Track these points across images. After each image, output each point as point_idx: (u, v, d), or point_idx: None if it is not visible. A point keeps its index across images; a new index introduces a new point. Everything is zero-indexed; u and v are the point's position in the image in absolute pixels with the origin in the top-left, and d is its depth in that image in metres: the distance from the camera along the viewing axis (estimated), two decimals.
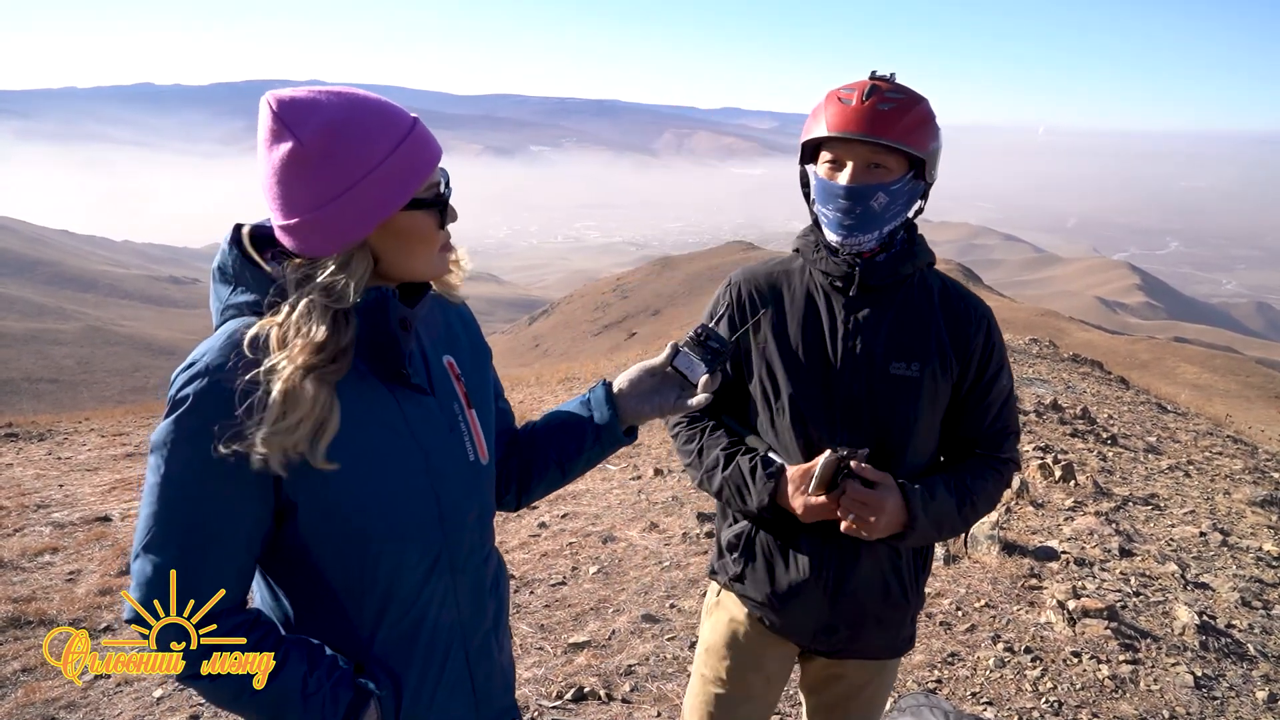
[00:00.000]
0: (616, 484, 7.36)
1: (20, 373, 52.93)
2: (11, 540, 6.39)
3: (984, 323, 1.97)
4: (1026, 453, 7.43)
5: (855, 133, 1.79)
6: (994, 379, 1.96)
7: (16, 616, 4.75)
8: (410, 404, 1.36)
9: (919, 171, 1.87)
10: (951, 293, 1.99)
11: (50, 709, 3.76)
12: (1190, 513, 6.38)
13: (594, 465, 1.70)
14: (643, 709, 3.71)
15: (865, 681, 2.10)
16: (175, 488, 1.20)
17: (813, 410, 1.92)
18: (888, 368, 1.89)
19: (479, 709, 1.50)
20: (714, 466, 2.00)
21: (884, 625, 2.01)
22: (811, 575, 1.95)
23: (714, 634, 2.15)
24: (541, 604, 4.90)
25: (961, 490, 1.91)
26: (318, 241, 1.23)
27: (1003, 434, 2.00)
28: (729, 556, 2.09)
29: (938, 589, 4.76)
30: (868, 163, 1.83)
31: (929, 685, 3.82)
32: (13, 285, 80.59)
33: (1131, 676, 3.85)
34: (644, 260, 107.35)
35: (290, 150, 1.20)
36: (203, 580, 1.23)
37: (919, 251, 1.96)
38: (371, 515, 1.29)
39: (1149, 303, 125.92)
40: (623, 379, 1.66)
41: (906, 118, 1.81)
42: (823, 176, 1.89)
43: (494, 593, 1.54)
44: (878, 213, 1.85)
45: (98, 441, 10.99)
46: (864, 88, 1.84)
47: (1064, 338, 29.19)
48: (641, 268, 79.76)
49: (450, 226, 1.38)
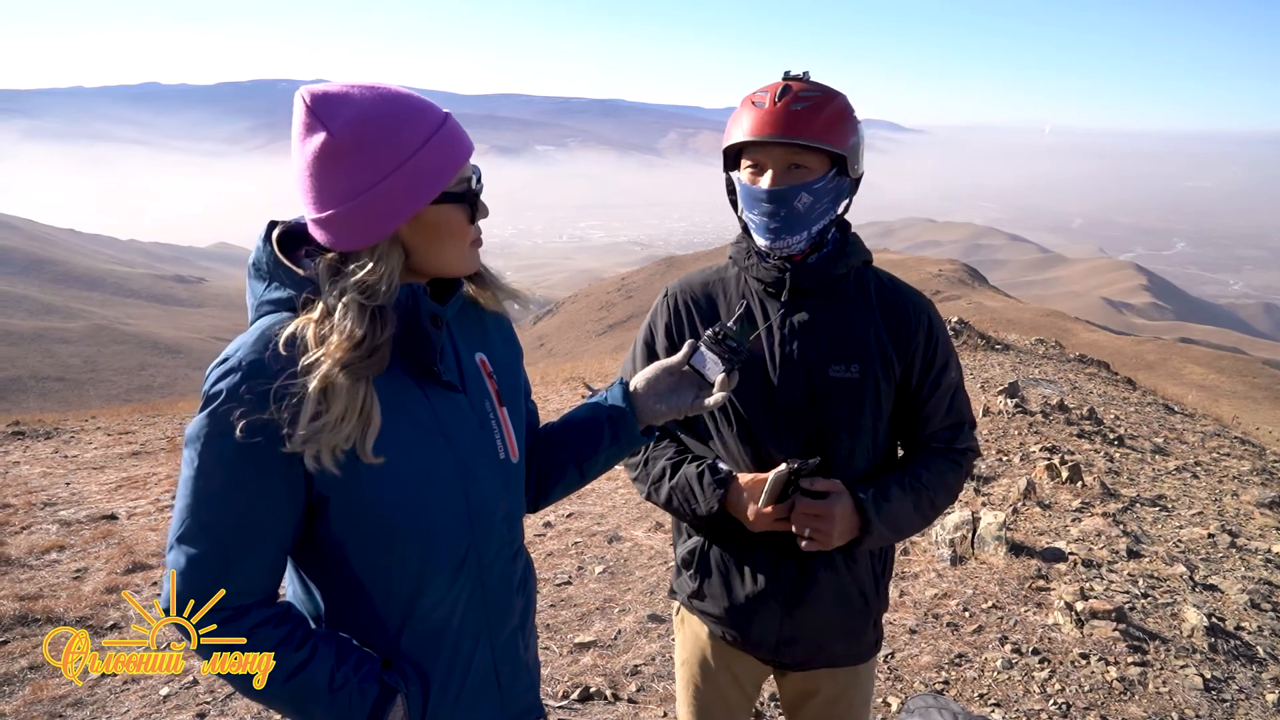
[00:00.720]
0: (622, 483, 7.35)
1: (27, 371, 53.09)
2: (19, 538, 6.41)
3: (924, 318, 1.93)
4: (1033, 454, 7.41)
5: (771, 135, 1.78)
6: (941, 373, 1.93)
7: (24, 614, 4.76)
8: (441, 400, 1.36)
9: (841, 168, 1.84)
10: (889, 290, 1.96)
11: (57, 706, 3.77)
12: (1198, 514, 6.36)
13: (612, 465, 1.69)
14: (649, 709, 3.71)
15: (840, 692, 2.07)
16: (209, 481, 1.21)
17: (756, 418, 1.90)
18: (827, 370, 1.87)
19: (504, 707, 1.49)
20: (660, 477, 1.98)
21: (847, 633, 1.98)
22: (767, 588, 1.93)
23: (684, 650, 2.15)
24: (547, 604, 4.90)
25: (916, 487, 1.89)
26: (350, 234, 1.24)
27: (957, 426, 1.98)
28: (685, 574, 2.07)
29: (944, 589, 4.75)
30: (788, 164, 1.81)
31: (936, 686, 3.81)
32: (19, 284, 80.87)
33: (1140, 678, 3.83)
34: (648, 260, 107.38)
35: (323, 143, 1.21)
36: (235, 571, 1.24)
37: (852, 250, 1.94)
38: (401, 510, 1.29)
39: (1155, 303, 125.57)
40: (640, 378, 1.65)
41: (822, 115, 1.79)
42: (745, 182, 1.87)
43: (521, 591, 1.53)
44: (803, 214, 1.83)
45: (104, 440, 11.02)
46: (776, 89, 1.82)
47: (1070, 338, 29.14)
48: (646, 267, 79.84)
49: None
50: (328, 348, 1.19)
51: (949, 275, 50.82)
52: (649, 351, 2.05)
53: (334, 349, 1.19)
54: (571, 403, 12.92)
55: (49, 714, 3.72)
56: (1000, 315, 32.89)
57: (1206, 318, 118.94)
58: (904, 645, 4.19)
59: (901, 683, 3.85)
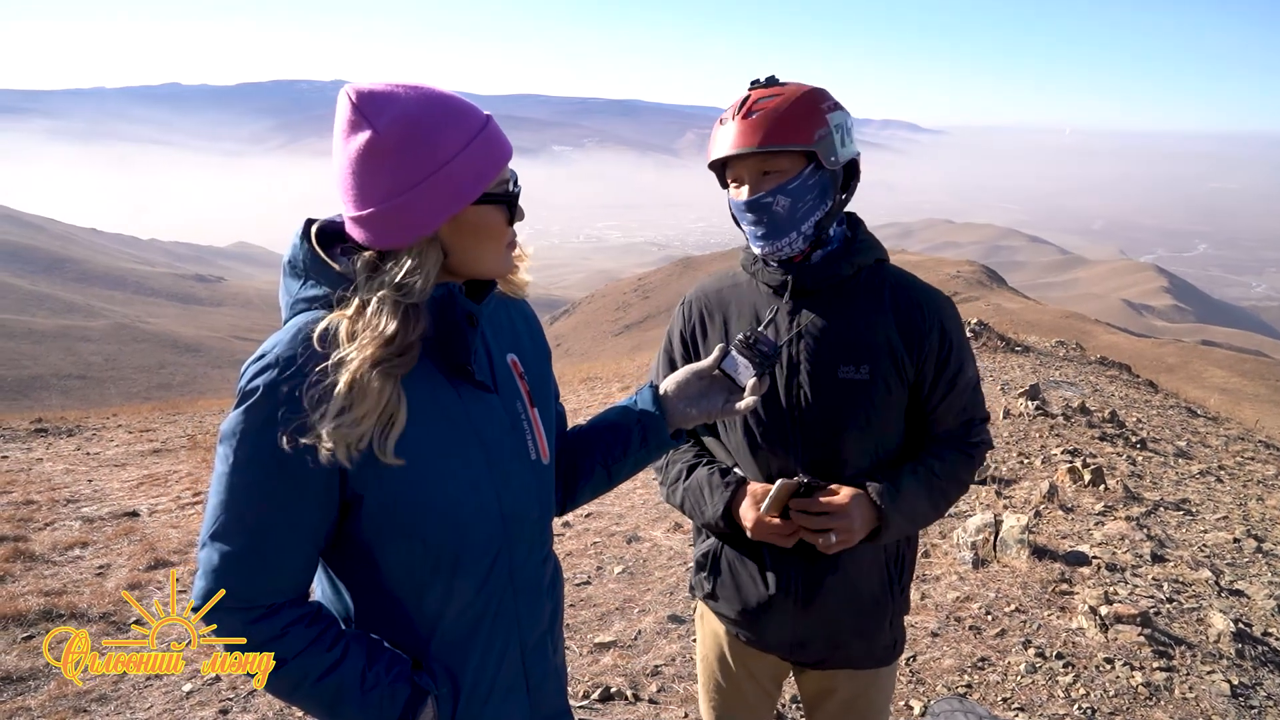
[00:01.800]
0: (640, 484, 7.34)
1: (49, 369, 53.65)
2: (43, 534, 6.48)
3: (937, 320, 1.90)
4: (1055, 456, 7.35)
5: (736, 150, 1.80)
6: (956, 374, 1.91)
7: (49, 609, 4.81)
8: (473, 400, 1.36)
9: (817, 161, 1.83)
10: (903, 289, 1.93)
11: (82, 701, 3.80)
12: (1223, 518, 6.29)
13: (640, 469, 1.69)
14: (670, 709, 3.70)
15: (857, 694, 2.06)
16: (244, 476, 1.21)
17: (765, 423, 1.90)
18: (835, 372, 1.85)
19: (534, 710, 1.49)
20: (677, 479, 2.02)
21: (860, 633, 1.97)
22: (779, 590, 1.93)
23: (704, 647, 2.17)
24: (567, 603, 4.89)
25: (929, 478, 1.88)
26: (390, 233, 1.24)
27: (970, 423, 1.97)
28: (700, 575, 2.09)
29: (967, 593, 4.71)
30: (760, 173, 1.83)
31: (959, 690, 3.78)
32: (42, 282, 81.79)
33: (1166, 684, 3.79)
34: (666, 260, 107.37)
35: (367, 141, 1.20)
36: (269, 569, 1.24)
37: (862, 248, 1.92)
38: (433, 510, 1.29)
39: (1177, 305, 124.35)
40: (670, 382, 1.66)
41: (778, 118, 1.78)
42: (731, 196, 1.90)
43: (551, 594, 1.53)
44: (785, 215, 1.83)
45: (125, 438, 11.12)
46: (739, 102, 1.84)
47: (1090, 340, 28.90)
48: (663, 268, 79.83)
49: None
50: (360, 343, 1.19)
51: (967, 277, 50.54)
52: (669, 360, 2.08)
53: (366, 345, 1.19)
54: (587, 402, 12.93)
55: (74, 709, 3.75)
56: (1020, 317, 32.65)
57: (1229, 320, 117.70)
58: (926, 648, 4.16)
59: (924, 686, 3.83)
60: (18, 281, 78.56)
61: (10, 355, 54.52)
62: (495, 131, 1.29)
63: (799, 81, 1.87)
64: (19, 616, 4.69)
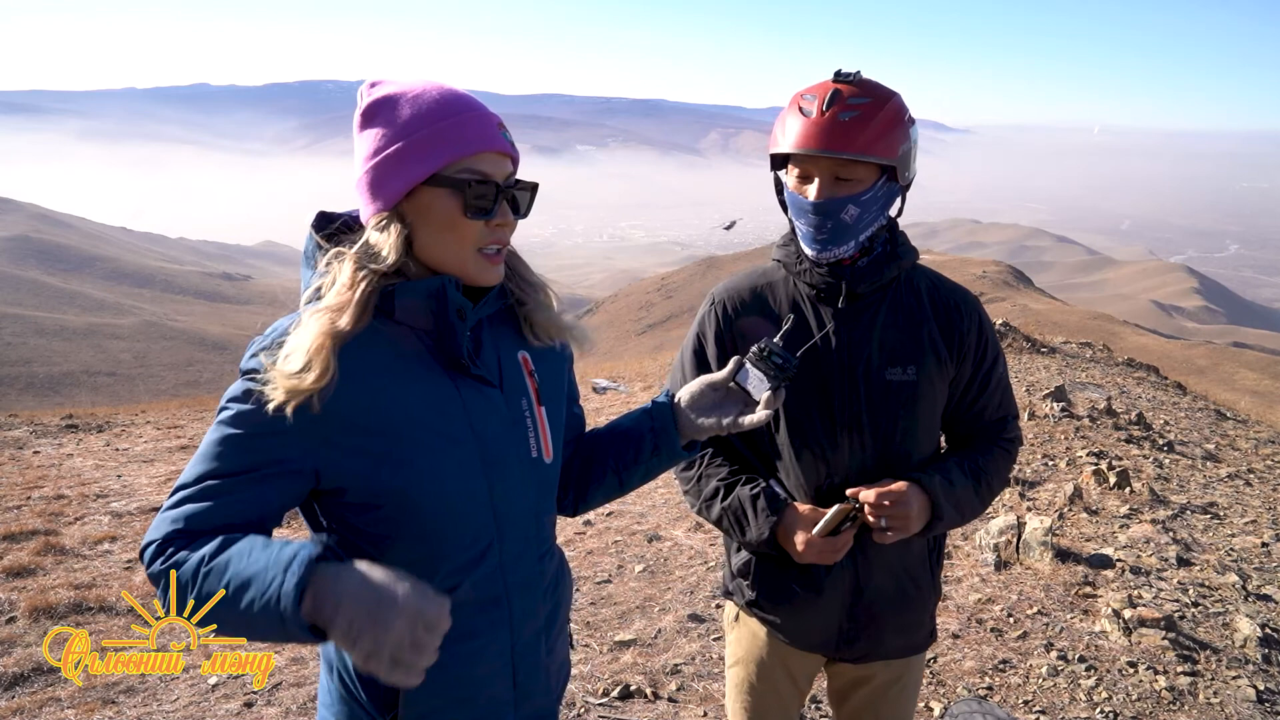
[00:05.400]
0: (662, 483, 7.35)
1: (80, 365, 54.49)
2: (73, 528, 6.58)
3: (974, 315, 1.93)
4: (1080, 459, 7.28)
5: (817, 149, 1.73)
6: (992, 368, 1.94)
7: (78, 602, 4.89)
8: (472, 393, 1.38)
9: (891, 175, 1.80)
10: (939, 289, 1.95)
11: (110, 693, 3.86)
12: (1251, 522, 6.20)
13: (652, 477, 1.68)
14: (689, 708, 3.71)
15: (891, 680, 2.08)
16: (215, 434, 1.27)
17: (811, 426, 1.89)
18: (884, 374, 1.85)
19: (518, 706, 1.50)
20: (712, 496, 1.96)
21: (905, 626, 2.00)
22: (826, 593, 1.93)
23: (738, 649, 2.14)
24: (587, 601, 4.92)
25: (976, 472, 1.90)
26: (363, 202, 1.33)
27: (1005, 419, 2.00)
28: (741, 581, 2.06)
29: (989, 594, 4.68)
30: (834, 176, 1.76)
31: (979, 692, 3.76)
32: (73, 280, 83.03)
33: (1190, 689, 3.75)
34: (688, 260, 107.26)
35: (362, 109, 1.34)
36: (208, 517, 1.23)
37: (902, 252, 1.91)
38: (422, 494, 1.31)
39: (1207, 306, 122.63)
40: (684, 392, 1.63)
41: (871, 126, 1.72)
42: (792, 189, 1.84)
43: (550, 595, 1.54)
44: (850, 225, 1.79)
45: (153, 434, 11.26)
46: (824, 94, 1.76)
47: (1118, 342, 28.57)
48: (686, 268, 79.78)
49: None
50: (325, 300, 1.27)
51: (993, 277, 50.09)
52: (699, 361, 2.02)
53: (328, 300, 1.27)
54: (610, 402, 12.95)
55: (102, 700, 3.81)
56: (1046, 318, 32.34)
57: (1260, 322, 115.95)
58: (947, 650, 4.14)
59: (944, 688, 3.81)
60: (49, 279, 79.83)
61: (42, 352, 55.42)
62: (473, 120, 1.31)
63: (881, 82, 1.81)
64: (49, 609, 4.77)
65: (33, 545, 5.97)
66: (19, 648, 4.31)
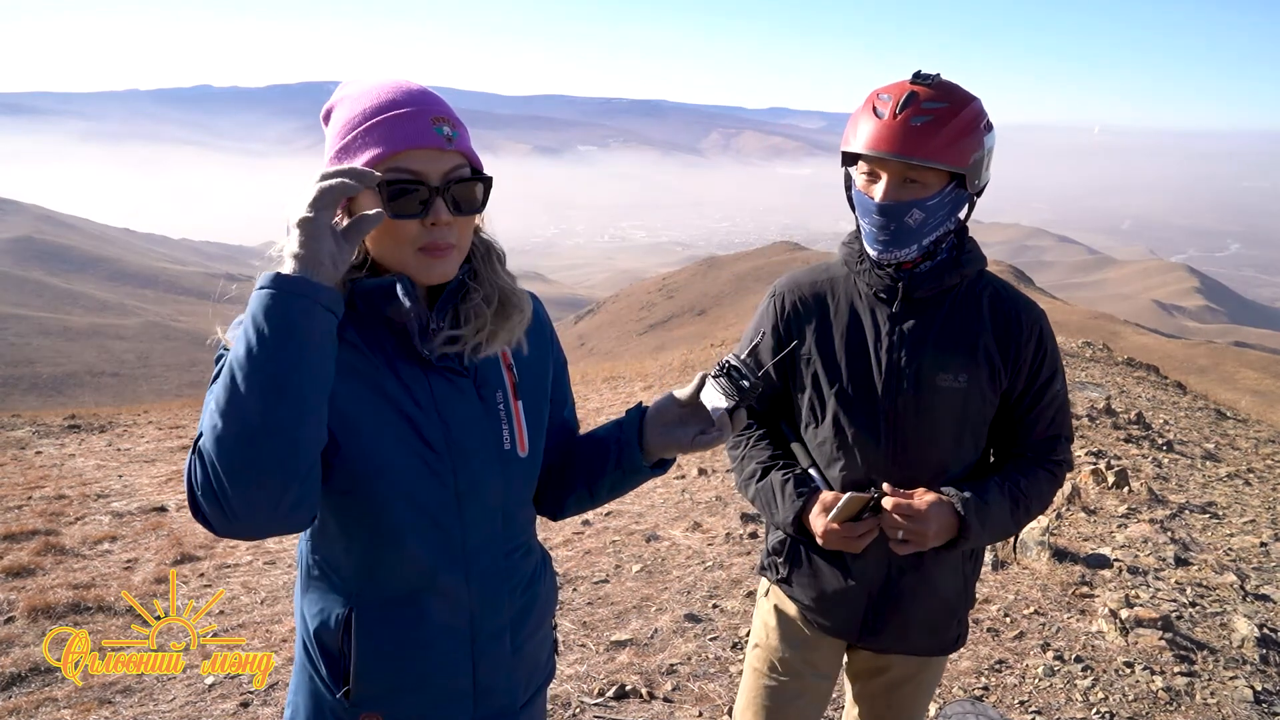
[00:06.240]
0: (660, 483, 7.36)
1: (83, 366, 54.51)
2: (73, 528, 6.60)
3: (1036, 329, 1.91)
4: (1079, 458, 7.28)
5: (887, 152, 1.72)
6: (1046, 385, 1.91)
7: (76, 602, 4.89)
8: (441, 383, 1.41)
9: (961, 183, 1.79)
10: (1002, 300, 1.92)
11: (107, 693, 3.87)
12: (1250, 522, 6.20)
13: (621, 491, 1.63)
14: (684, 709, 3.71)
15: (909, 676, 2.10)
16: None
17: (857, 424, 1.90)
18: (934, 380, 1.85)
19: (479, 701, 1.50)
20: (751, 476, 2.02)
21: (930, 627, 2.00)
22: (855, 584, 1.95)
23: (765, 628, 2.16)
24: (584, 601, 4.92)
25: (1015, 493, 1.87)
26: None
27: (1055, 439, 1.95)
28: (776, 558, 2.10)
29: (985, 594, 4.68)
30: (903, 178, 1.75)
31: (975, 692, 3.77)
32: (77, 281, 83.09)
33: (1187, 689, 3.75)
34: (690, 260, 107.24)
35: (322, 114, 1.41)
36: None
37: (967, 259, 1.89)
38: (384, 473, 1.33)
39: (1208, 306, 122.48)
40: (653, 405, 1.56)
41: (943, 132, 1.71)
42: (859, 188, 1.83)
43: (521, 593, 1.53)
44: (914, 228, 1.79)
45: (155, 434, 11.29)
46: (900, 96, 1.75)
47: (1118, 341, 28.55)
48: (687, 268, 79.71)
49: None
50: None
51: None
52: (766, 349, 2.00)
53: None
54: (610, 401, 12.96)
55: (99, 700, 3.81)
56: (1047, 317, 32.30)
57: (1262, 321, 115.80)
58: None
59: (940, 688, 3.81)
60: (53, 280, 79.86)
61: (46, 353, 55.46)
62: (406, 117, 1.30)
63: (960, 85, 1.80)
64: (48, 609, 4.78)
65: (33, 545, 5.98)
66: (16, 648, 4.32)
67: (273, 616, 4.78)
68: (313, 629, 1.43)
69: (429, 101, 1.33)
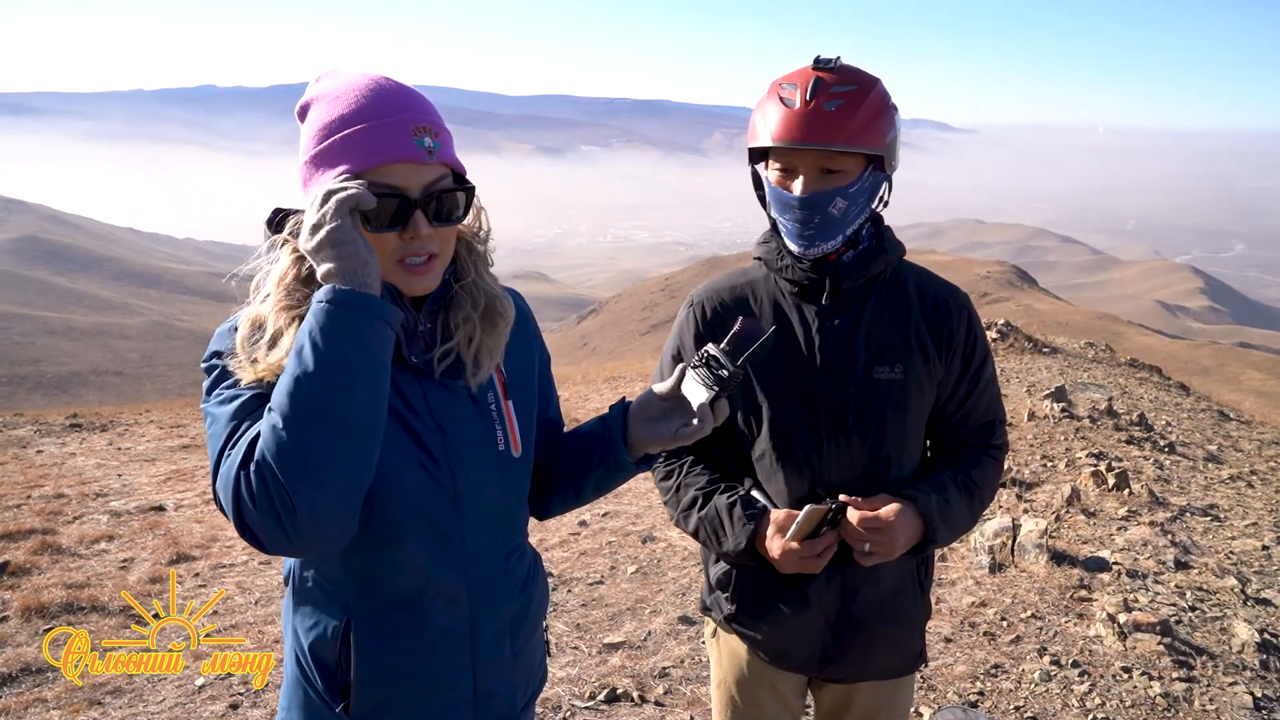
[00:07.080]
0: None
1: (87, 365, 54.68)
2: (71, 527, 6.59)
3: (964, 313, 1.86)
4: (1079, 459, 7.24)
5: (803, 142, 1.66)
6: (980, 369, 1.87)
7: (70, 602, 4.88)
8: (435, 387, 1.39)
9: (878, 165, 1.74)
10: (927, 285, 1.88)
11: (97, 694, 3.85)
12: (1253, 525, 6.16)
13: (607, 490, 1.61)
14: (675, 712, 3.68)
15: (880, 704, 1.99)
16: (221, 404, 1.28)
17: (796, 428, 1.81)
18: (870, 373, 1.79)
19: (479, 706, 1.48)
20: (690, 506, 1.88)
21: (893, 645, 1.92)
22: (810, 609, 1.85)
23: (720, 669, 2.06)
24: (578, 603, 4.90)
25: (969, 485, 1.83)
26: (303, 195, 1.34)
27: (992, 423, 1.92)
28: (720, 594, 1.97)
29: (982, 598, 4.65)
30: (821, 169, 1.70)
31: (970, 697, 3.73)
32: (81, 280, 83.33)
33: (1186, 695, 3.71)
34: (693, 260, 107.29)
35: (298, 106, 1.37)
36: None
37: (888, 246, 1.85)
38: (383, 481, 1.30)
39: (1212, 307, 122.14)
40: (636, 402, 1.55)
41: (858, 114, 1.66)
42: (774, 184, 1.77)
43: (520, 595, 1.52)
44: (838, 219, 1.73)
45: (156, 433, 11.28)
46: (806, 83, 1.69)
47: (1121, 342, 28.47)
48: (690, 267, 79.76)
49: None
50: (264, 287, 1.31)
51: (997, 277, 50.02)
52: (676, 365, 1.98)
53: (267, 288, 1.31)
54: (611, 401, 12.93)
55: (89, 701, 3.80)
56: (1050, 318, 32.25)
57: (1266, 322, 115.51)
58: (939, 654, 4.11)
59: (935, 693, 3.78)
60: (58, 279, 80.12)
61: (50, 352, 55.61)
62: (385, 129, 1.26)
63: (860, 68, 1.75)
64: (42, 609, 4.76)
65: (29, 544, 5.97)
66: (9, 648, 4.30)
67: (266, 617, 4.76)
68: (307, 643, 1.41)
69: (411, 107, 1.29)
